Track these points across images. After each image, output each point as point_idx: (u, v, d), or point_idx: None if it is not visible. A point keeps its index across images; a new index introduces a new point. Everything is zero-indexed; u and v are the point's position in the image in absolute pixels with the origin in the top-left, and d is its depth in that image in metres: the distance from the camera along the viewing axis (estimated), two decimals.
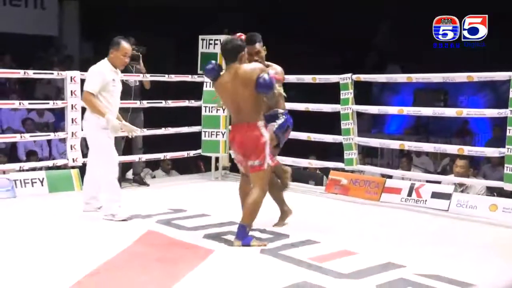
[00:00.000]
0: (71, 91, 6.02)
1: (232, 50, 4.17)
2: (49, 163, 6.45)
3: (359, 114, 6.33)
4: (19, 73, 6.61)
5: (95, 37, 11.25)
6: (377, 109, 6.84)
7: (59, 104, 6.15)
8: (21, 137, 6.53)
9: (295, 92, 6.42)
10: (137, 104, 6.30)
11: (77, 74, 6.10)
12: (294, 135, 6.63)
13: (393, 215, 5.41)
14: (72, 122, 6.05)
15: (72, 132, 6.06)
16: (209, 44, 6.99)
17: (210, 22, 9.14)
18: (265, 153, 4.11)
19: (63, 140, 7.16)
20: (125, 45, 4.89)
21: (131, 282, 3.42)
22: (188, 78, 6.89)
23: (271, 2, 12.50)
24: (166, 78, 6.69)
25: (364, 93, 9.67)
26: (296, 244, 4.15)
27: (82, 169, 6.22)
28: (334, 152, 7.27)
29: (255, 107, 4.12)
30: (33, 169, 6.20)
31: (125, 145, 6.35)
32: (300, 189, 6.48)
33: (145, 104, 6.45)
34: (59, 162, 6.27)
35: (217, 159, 7.08)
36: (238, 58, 4.16)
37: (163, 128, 6.75)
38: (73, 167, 6.15)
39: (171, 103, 6.81)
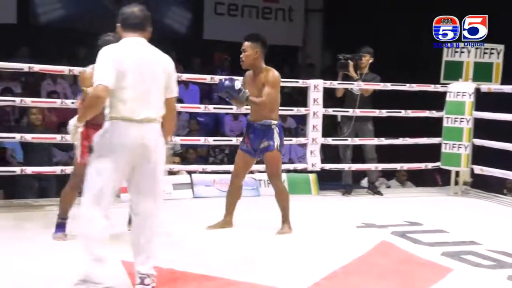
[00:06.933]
0: (314, 99, 6.29)
1: None
2: (290, 166, 6.84)
3: None
4: None
5: (335, 46, 11.58)
6: None
7: (302, 111, 6.47)
8: None
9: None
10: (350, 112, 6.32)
11: (320, 82, 6.34)
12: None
13: None
14: (313, 129, 6.31)
15: (313, 138, 6.33)
16: (455, 52, 6.66)
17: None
18: None
19: (301, 145, 7.52)
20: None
21: None
22: (430, 87, 6.67)
23: None
24: (407, 87, 6.57)
25: None
26: None
27: (320, 174, 6.49)
28: None
29: None
30: None
31: (357, 154, 6.40)
32: None
33: (384, 113, 6.44)
34: (299, 166, 6.59)
35: (457, 173, 6.70)
36: None
37: (400, 138, 6.64)
38: (311, 172, 6.42)
39: (410, 113, 6.67)
